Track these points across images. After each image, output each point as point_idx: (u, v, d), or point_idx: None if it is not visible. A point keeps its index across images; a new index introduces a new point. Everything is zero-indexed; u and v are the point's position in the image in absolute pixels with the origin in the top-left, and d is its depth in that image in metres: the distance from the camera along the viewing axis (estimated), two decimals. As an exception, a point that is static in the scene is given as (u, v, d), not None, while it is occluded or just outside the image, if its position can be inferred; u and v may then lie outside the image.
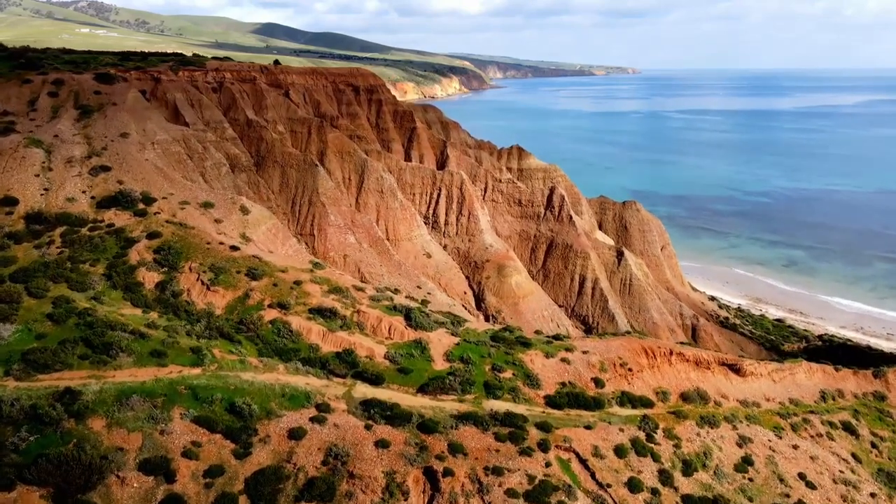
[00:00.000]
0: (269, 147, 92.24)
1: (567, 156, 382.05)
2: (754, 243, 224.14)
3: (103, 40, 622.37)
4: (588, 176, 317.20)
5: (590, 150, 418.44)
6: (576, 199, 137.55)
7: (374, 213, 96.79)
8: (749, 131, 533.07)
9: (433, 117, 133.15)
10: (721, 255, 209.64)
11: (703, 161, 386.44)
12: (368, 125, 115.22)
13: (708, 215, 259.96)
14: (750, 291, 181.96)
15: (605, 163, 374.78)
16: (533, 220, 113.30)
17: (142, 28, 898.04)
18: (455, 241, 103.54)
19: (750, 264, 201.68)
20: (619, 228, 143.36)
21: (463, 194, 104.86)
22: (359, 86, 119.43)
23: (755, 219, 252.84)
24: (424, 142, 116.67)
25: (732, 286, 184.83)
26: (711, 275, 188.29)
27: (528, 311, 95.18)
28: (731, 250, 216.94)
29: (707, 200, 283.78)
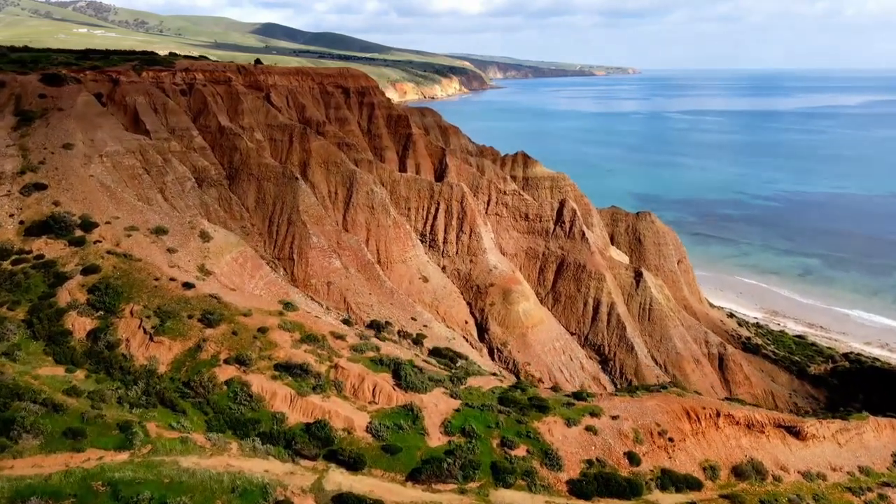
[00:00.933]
0: (243, 158, 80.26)
1: (568, 158, 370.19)
2: (766, 251, 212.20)
3: (100, 40, 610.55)
4: (591, 179, 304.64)
5: (592, 152, 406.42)
6: (586, 210, 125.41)
7: (363, 231, 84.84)
8: (753, 132, 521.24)
9: (431, 122, 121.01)
10: (732, 263, 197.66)
11: (708, 163, 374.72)
12: (359, 131, 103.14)
13: (716, 221, 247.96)
14: (765, 303, 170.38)
15: (608, 165, 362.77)
16: (541, 237, 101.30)
17: (140, 28, 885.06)
18: (455, 261, 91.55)
19: (763, 274, 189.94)
20: (632, 241, 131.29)
21: (464, 209, 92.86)
22: (349, 88, 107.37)
23: (765, 225, 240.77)
24: (421, 149, 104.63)
25: (747, 298, 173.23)
26: (723, 285, 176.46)
27: (537, 342, 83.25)
28: (743, 259, 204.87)
29: (714, 205, 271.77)
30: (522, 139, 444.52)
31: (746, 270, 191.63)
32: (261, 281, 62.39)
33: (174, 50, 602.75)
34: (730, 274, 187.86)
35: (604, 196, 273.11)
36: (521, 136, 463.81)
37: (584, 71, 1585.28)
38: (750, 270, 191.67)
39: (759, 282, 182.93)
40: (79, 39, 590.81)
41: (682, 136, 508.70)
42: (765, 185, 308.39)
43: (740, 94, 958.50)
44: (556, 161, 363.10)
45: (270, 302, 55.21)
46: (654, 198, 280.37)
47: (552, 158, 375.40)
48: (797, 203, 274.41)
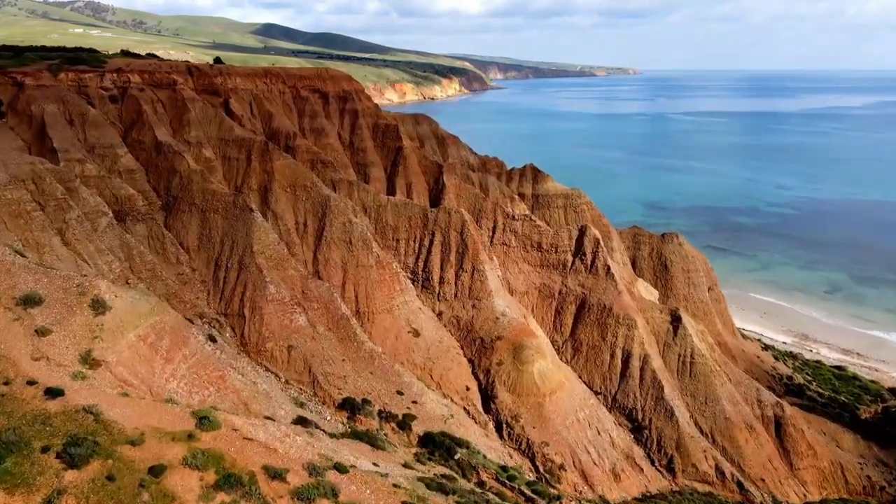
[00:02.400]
0: (184, 183, 61.98)
1: (571, 161, 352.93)
2: (786, 265, 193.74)
3: (94, 40, 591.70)
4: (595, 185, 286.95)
5: (594, 155, 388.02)
6: (605, 233, 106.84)
7: (338, 274, 66.46)
8: (759, 134, 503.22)
9: (426, 131, 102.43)
10: (752, 279, 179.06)
11: (716, 166, 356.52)
12: (339, 144, 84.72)
13: (730, 231, 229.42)
14: (792, 325, 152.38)
15: (612, 169, 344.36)
16: (557, 272, 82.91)
17: (139, 28, 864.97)
18: (454, 306, 73.15)
19: (786, 291, 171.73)
20: (657, 267, 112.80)
21: (464, 241, 74.42)
22: (327, 92, 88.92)
23: (782, 235, 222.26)
24: (413, 165, 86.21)
25: (772, 319, 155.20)
26: (745, 304, 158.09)
27: (557, 414, 64.93)
28: (763, 273, 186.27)
29: (727, 213, 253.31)
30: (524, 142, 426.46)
31: (768, 287, 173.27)
32: (183, 364, 43.94)
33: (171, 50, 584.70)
34: (750, 291, 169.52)
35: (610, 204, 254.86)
36: (522, 138, 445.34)
37: (584, 71, 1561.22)
38: (772, 287, 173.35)
39: (783, 300, 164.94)
40: (72, 39, 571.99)
41: (687, 138, 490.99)
42: (777, 191, 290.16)
43: (743, 95, 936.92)
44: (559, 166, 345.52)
45: (181, 415, 36.82)
46: (663, 205, 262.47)
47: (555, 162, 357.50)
48: (813, 210, 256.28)
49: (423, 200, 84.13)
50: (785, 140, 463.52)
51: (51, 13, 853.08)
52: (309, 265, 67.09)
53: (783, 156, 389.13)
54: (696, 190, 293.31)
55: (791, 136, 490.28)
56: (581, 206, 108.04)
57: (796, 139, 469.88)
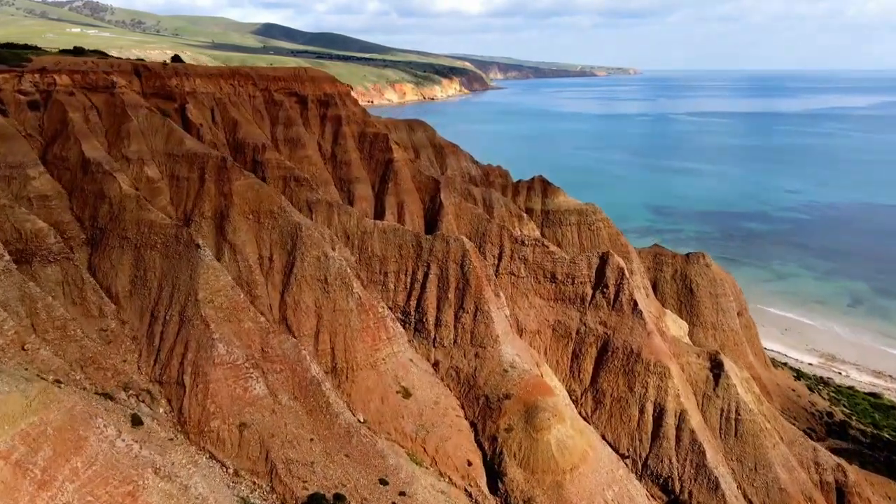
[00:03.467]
0: (115, 211, 48.82)
1: (573, 163, 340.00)
2: (803, 275, 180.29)
3: (90, 40, 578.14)
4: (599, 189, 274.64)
5: (597, 157, 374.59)
6: (624, 253, 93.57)
7: (309, 321, 53.19)
8: (764, 135, 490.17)
9: (422, 139, 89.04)
10: (768, 291, 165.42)
11: (722, 168, 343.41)
12: (319, 157, 71.38)
13: (742, 238, 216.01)
14: (815, 344, 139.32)
15: (616, 171, 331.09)
16: (574, 307, 69.64)
17: (137, 28, 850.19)
18: (453, 355, 59.92)
19: (806, 304, 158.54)
20: (681, 291, 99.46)
21: (466, 275, 61.13)
22: (306, 95, 75.51)
23: (797, 242, 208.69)
24: (406, 181, 72.86)
25: (793, 337, 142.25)
26: (763, 319, 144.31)
27: (580, 496, 51.71)
28: (779, 285, 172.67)
29: (737, 218, 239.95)
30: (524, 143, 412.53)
31: (786, 300, 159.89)
32: (71, 484, 30.69)
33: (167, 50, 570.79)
34: (768, 305, 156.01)
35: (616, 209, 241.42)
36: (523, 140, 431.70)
37: (585, 71, 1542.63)
38: (790, 300, 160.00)
39: (803, 315, 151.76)
40: (68, 39, 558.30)
41: (691, 139, 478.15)
42: (787, 195, 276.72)
43: (745, 96, 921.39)
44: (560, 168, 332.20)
45: None
46: (670, 210, 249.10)
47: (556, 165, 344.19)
48: (826, 216, 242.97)
49: (416, 223, 70.78)
50: (790, 141, 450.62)
51: (49, 13, 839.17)
52: (274, 310, 53.72)
53: (790, 158, 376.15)
54: (704, 194, 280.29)
55: (796, 137, 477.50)
56: (597, 223, 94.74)
57: (802, 140, 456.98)
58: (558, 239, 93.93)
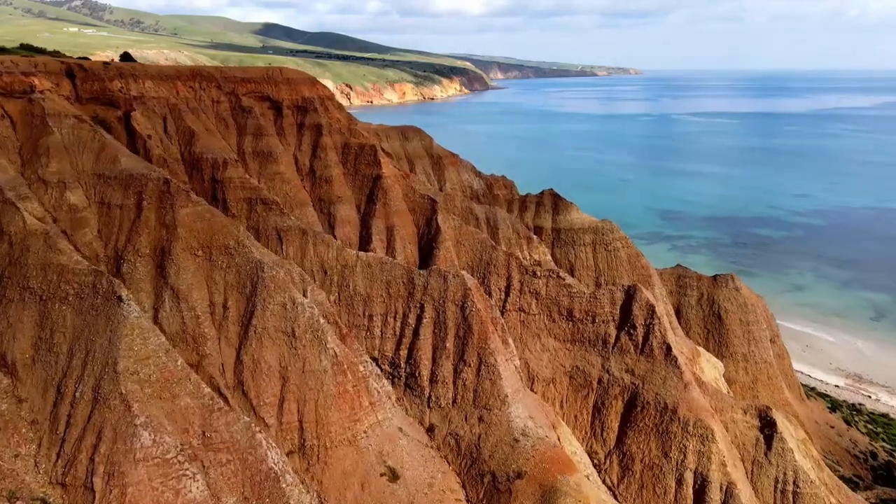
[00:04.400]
0: (15, 253, 37.59)
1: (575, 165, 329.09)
2: (822, 285, 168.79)
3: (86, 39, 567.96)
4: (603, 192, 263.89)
5: (600, 159, 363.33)
6: (645, 277, 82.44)
7: (272, 385, 41.98)
8: (770, 136, 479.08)
9: (417, 148, 77.69)
10: (786, 303, 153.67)
11: (729, 171, 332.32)
12: (294, 173, 60.08)
13: (755, 245, 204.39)
14: (839, 362, 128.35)
15: (619, 174, 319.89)
16: (595, 350, 58.45)
17: (136, 27, 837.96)
18: (452, 418, 48.66)
19: (827, 317, 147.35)
20: (708, 318, 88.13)
21: (468, 318, 49.90)
22: (280, 100, 64.08)
23: (812, 250, 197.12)
24: (396, 200, 61.50)
25: (815, 354, 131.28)
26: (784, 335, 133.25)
27: None
28: (796, 296, 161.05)
29: (748, 224, 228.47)
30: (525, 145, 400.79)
31: (805, 313, 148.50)
32: None
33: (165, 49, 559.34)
34: (786, 319, 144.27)
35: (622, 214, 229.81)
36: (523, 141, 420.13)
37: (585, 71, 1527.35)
38: (809, 314, 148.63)
39: (824, 330, 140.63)
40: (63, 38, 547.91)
41: (695, 140, 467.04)
42: (798, 199, 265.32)
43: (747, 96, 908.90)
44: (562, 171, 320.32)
45: None
46: (678, 215, 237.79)
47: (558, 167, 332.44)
48: (840, 221, 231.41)
49: (409, 250, 59.44)
50: (796, 142, 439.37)
51: (47, 12, 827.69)
52: (227, 372, 42.39)
53: (797, 159, 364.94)
54: (711, 197, 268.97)
55: (802, 138, 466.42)
56: (614, 243, 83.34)
57: (808, 142, 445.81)
58: (571, 261, 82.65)
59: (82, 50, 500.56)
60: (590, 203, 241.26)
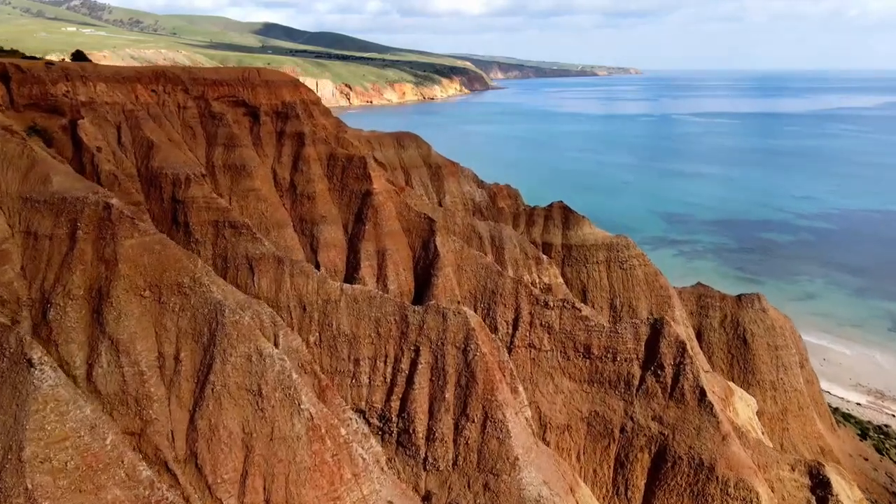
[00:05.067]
0: None
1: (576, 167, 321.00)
2: (834, 292, 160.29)
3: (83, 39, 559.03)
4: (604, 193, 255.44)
5: (601, 160, 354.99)
6: (664, 298, 74.45)
7: (232, 457, 33.96)
8: (772, 137, 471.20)
9: (413, 157, 69.54)
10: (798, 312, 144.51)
11: (732, 172, 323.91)
12: (272, 190, 51.95)
13: (762, 250, 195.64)
14: (859, 377, 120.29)
15: (621, 175, 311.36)
16: (617, 394, 50.41)
17: (135, 27, 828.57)
18: (451, 485, 40.62)
19: (841, 328, 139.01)
20: (732, 342, 79.99)
21: (471, 365, 41.89)
22: (257, 105, 55.81)
23: (822, 255, 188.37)
24: (389, 220, 53.35)
25: (833, 368, 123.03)
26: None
27: None
28: (809, 305, 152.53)
29: (754, 227, 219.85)
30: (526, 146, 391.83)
31: (819, 324, 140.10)
32: None
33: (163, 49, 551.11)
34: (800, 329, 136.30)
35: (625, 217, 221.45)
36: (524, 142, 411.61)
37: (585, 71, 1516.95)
38: (823, 324, 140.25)
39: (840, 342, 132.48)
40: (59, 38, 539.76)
41: (697, 140, 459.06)
42: (805, 201, 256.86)
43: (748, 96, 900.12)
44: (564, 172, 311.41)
45: None
46: (682, 218, 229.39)
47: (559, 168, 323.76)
48: (849, 225, 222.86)
49: (403, 278, 51.35)
50: (799, 143, 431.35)
51: (46, 12, 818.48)
52: (178, 441, 34.28)
53: (800, 160, 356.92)
54: (715, 199, 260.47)
55: (804, 138, 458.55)
56: (630, 260, 75.16)
57: (810, 142, 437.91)
58: (583, 281, 74.52)
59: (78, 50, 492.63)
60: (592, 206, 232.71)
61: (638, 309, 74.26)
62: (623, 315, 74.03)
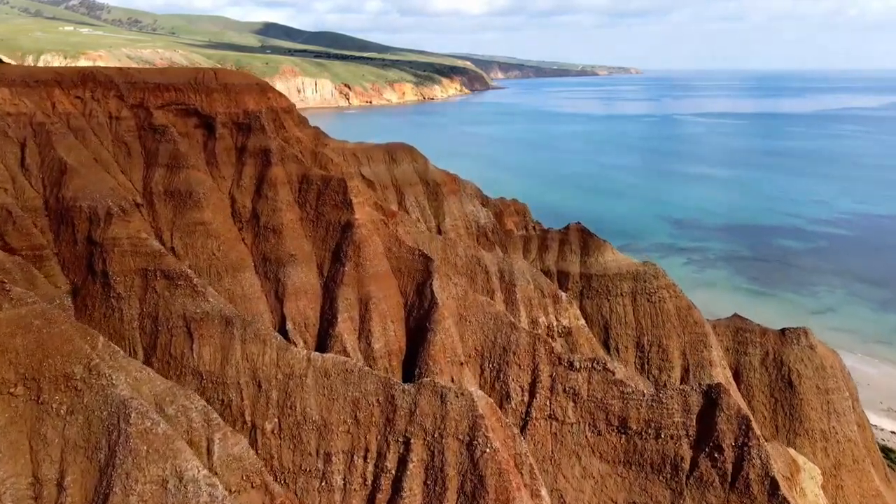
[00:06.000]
0: None
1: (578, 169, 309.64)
2: (856, 306, 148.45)
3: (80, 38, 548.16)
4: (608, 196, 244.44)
5: (604, 162, 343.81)
6: (699, 336, 63.33)
7: None
8: (778, 138, 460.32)
9: (407, 173, 58.38)
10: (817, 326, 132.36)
11: (740, 174, 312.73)
12: (228, 222, 40.85)
13: (777, 258, 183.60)
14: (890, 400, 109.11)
15: (625, 178, 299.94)
16: (660, 480, 39.55)
17: (134, 27, 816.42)
18: None
19: (865, 344, 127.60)
20: (775, 384, 68.64)
21: (478, 465, 31.07)
22: (213, 115, 44.42)
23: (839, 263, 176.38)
24: (374, 258, 42.21)
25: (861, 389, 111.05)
26: None
27: None
28: (830, 319, 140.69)
29: (767, 233, 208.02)
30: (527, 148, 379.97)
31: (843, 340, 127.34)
32: None
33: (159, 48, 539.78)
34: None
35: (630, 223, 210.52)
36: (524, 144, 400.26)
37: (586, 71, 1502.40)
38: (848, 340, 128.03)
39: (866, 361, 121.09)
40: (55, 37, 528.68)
41: (701, 141, 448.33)
42: (817, 205, 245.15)
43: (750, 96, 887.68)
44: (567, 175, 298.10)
45: None
46: (691, 223, 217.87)
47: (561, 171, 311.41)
48: (865, 231, 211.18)
49: (392, 334, 40.32)
50: (805, 144, 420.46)
51: (44, 11, 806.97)
52: None
53: (807, 162, 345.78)
54: (724, 204, 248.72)
55: (810, 139, 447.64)
56: (659, 292, 63.96)
57: (817, 143, 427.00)
58: (605, 316, 63.42)
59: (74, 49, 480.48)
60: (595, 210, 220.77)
61: (669, 349, 63.27)
62: (651, 356, 63.05)
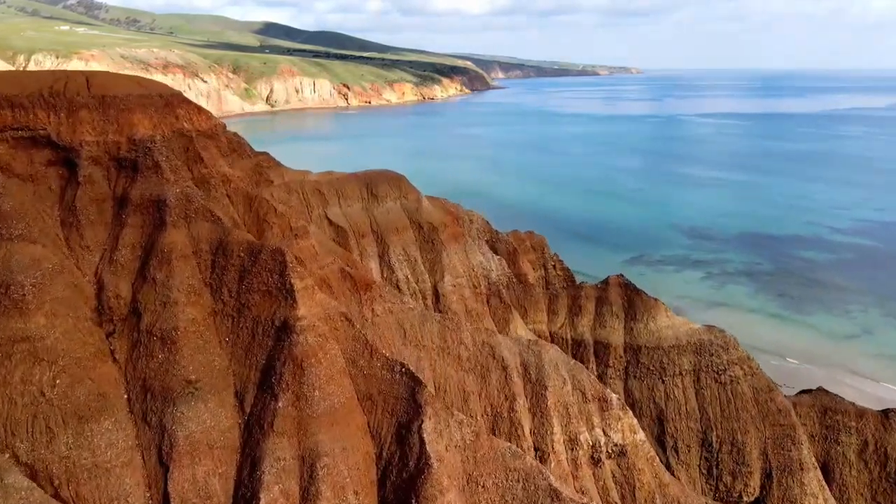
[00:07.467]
0: None
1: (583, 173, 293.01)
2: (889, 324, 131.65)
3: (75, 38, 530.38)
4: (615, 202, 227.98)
5: (610, 164, 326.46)
6: (782, 427, 46.32)
7: None
8: (787, 138, 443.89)
9: (393, 214, 41.47)
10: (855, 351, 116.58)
11: (753, 178, 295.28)
12: (82, 324, 24.20)
13: (803, 272, 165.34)
14: None
15: (632, 183, 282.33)
16: None
17: (132, 26, 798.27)
18: None
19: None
20: (879, 483, 51.71)
21: None
22: (76, 146, 26.61)
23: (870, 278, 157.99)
24: (326, 385, 25.12)
25: None
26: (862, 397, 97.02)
27: None
28: (867, 342, 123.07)
29: (788, 243, 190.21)
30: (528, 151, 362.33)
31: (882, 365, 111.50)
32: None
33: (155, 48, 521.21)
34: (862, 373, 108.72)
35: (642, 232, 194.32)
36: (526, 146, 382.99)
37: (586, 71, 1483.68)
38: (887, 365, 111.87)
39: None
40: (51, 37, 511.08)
41: (708, 143, 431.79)
42: (837, 212, 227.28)
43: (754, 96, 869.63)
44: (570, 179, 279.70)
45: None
46: (707, 232, 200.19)
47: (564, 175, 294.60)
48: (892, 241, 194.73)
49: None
50: (815, 146, 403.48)
51: (42, 11, 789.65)
52: None
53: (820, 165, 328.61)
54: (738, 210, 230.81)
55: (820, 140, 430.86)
56: (731, 369, 46.84)
57: (827, 145, 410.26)
58: (659, 404, 46.41)
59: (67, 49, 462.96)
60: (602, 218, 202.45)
61: (746, 447, 46.24)
62: (722, 458, 46.00)
